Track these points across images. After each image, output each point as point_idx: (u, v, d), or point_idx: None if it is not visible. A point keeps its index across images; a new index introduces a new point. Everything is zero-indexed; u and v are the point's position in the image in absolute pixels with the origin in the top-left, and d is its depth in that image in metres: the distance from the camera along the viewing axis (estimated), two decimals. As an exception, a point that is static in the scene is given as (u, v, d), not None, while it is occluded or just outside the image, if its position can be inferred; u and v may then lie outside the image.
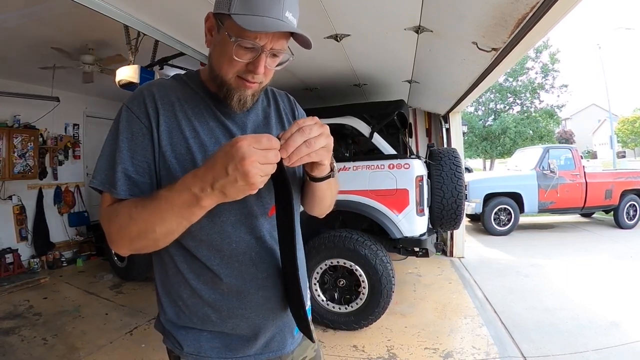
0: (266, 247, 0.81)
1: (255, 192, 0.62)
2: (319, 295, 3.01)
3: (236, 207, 0.77)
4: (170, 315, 0.82)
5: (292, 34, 0.72)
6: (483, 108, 20.90)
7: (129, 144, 0.73)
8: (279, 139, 0.64)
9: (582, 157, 7.42)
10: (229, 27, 0.69)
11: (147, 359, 2.60)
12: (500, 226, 6.81)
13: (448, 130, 5.20)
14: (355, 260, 2.88)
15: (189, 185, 0.63)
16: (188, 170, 0.69)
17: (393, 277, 2.90)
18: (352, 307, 2.94)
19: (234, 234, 0.78)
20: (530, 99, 19.82)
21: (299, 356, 0.92)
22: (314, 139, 0.66)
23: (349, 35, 2.51)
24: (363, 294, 2.89)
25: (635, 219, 7.09)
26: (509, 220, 6.81)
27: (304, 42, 0.73)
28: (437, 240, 3.51)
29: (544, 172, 6.83)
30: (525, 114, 19.54)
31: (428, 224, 3.26)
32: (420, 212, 2.95)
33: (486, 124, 20.46)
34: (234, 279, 0.79)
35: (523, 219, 7.52)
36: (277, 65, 0.77)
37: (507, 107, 20.37)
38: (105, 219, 0.73)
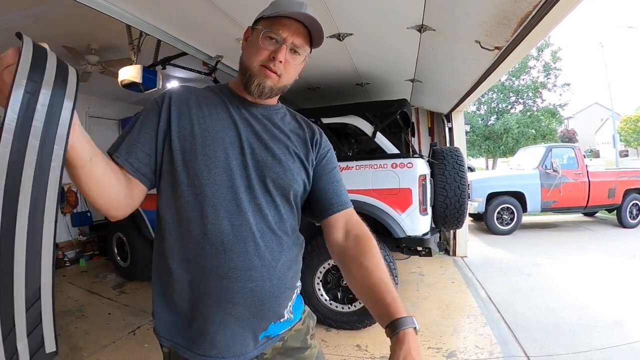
0: (241, 237, 0.81)
1: None
2: (322, 295, 3.01)
3: (222, 190, 0.82)
4: (157, 297, 0.87)
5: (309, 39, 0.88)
6: (485, 107, 20.86)
7: (142, 122, 0.86)
8: None
9: (584, 156, 7.40)
10: (261, 24, 0.85)
11: (150, 358, 2.61)
12: (503, 225, 6.80)
13: (451, 129, 5.19)
14: (358, 260, 2.87)
15: None
16: (185, 148, 0.82)
17: (396, 276, 2.90)
18: (355, 306, 2.93)
19: (211, 214, 0.81)
20: (532, 97, 19.77)
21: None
22: None
23: (351, 34, 2.50)
24: (366, 293, 2.88)
25: (639, 218, 7.06)
26: (511, 220, 6.79)
27: (317, 40, 0.88)
28: (440, 239, 3.50)
29: (547, 171, 6.81)
30: (528, 113, 19.48)
31: (431, 223, 3.26)
32: (423, 211, 2.95)
33: (489, 123, 20.42)
34: (202, 260, 0.81)
35: (526, 218, 7.51)
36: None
37: (510, 106, 20.32)
38: None
